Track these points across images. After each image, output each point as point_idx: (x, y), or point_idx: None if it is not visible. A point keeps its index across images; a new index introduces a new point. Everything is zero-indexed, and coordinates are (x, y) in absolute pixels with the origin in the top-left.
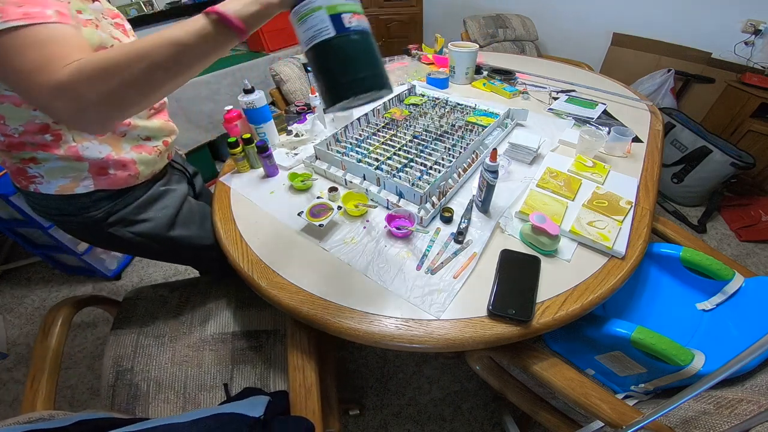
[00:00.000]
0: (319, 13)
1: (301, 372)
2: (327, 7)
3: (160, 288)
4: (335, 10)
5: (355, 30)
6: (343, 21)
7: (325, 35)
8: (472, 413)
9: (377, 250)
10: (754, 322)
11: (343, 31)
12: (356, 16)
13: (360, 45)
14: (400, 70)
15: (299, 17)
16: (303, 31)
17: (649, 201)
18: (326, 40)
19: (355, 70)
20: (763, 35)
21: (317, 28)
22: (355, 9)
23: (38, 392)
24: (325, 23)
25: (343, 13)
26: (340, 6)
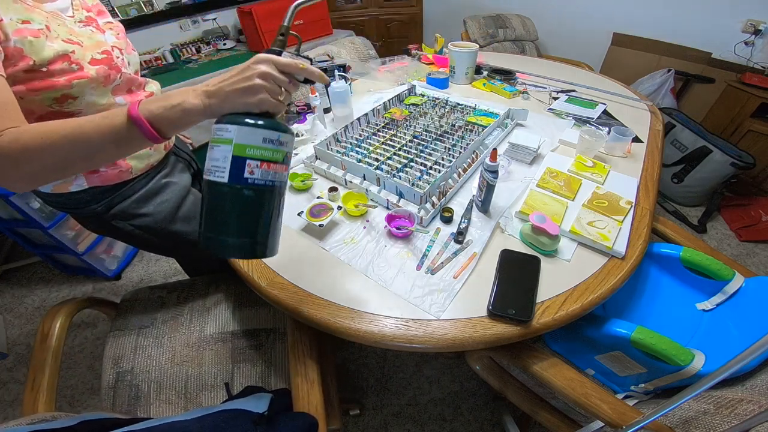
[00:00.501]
0: (225, 147)
1: (302, 368)
2: (235, 145)
3: (158, 289)
4: (243, 151)
5: (253, 185)
6: (244, 169)
7: (218, 177)
8: (472, 413)
9: (377, 250)
10: (754, 322)
11: (237, 182)
12: (265, 165)
13: (246, 205)
14: (400, 70)
15: (212, 140)
16: (208, 158)
17: (649, 201)
18: (215, 183)
19: (227, 232)
20: (763, 35)
21: (216, 163)
22: (267, 157)
23: (39, 393)
24: (225, 163)
25: (249, 159)
26: (251, 149)
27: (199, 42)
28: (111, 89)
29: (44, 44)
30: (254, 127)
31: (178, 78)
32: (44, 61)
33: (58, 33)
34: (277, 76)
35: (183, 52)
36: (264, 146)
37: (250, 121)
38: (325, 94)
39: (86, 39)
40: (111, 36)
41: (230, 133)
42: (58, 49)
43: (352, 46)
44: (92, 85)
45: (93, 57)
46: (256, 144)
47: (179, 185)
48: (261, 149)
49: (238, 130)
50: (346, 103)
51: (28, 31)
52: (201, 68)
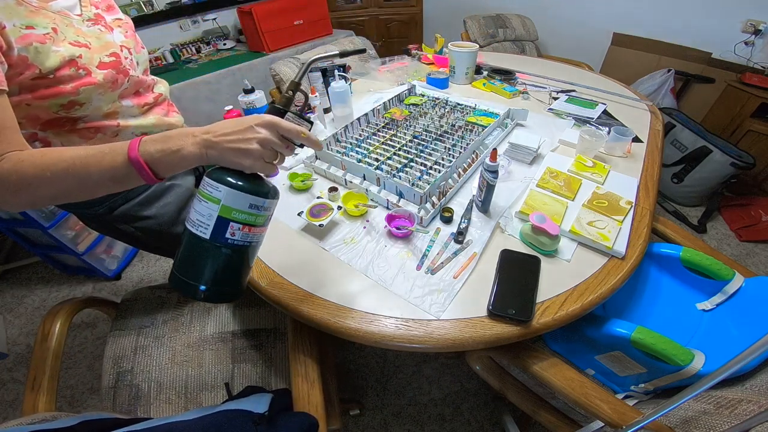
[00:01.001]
0: (211, 206)
1: (303, 368)
2: (222, 206)
3: (158, 289)
4: (228, 214)
5: (232, 245)
6: (226, 230)
7: (200, 232)
8: (472, 413)
9: (377, 250)
10: (754, 322)
11: (218, 241)
12: (246, 228)
13: (221, 261)
14: (400, 70)
15: (200, 192)
16: (193, 208)
17: (649, 201)
18: (196, 236)
19: (199, 279)
20: (763, 35)
21: (200, 218)
22: (250, 221)
23: (39, 393)
24: (209, 221)
25: (233, 221)
26: (236, 212)
27: (199, 42)
28: (118, 94)
29: (50, 50)
30: (243, 192)
31: (178, 78)
32: (51, 69)
33: (65, 35)
34: (276, 143)
35: (183, 52)
36: (249, 211)
37: (240, 185)
38: (325, 94)
39: (94, 40)
40: (119, 34)
41: (220, 193)
42: (65, 54)
43: (352, 46)
44: (99, 90)
45: (101, 60)
46: (242, 209)
47: (183, 187)
48: (246, 214)
49: (227, 192)
50: (346, 103)
51: (33, 37)
52: (201, 68)
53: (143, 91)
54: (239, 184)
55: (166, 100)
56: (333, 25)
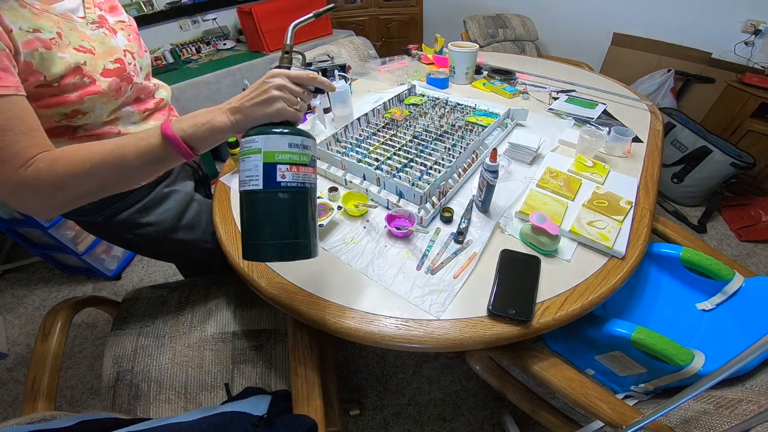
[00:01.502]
0: (255, 157)
1: (302, 370)
2: (264, 153)
3: (160, 288)
4: (272, 158)
5: (286, 187)
6: (276, 174)
7: (253, 185)
8: (472, 413)
9: (377, 250)
10: (754, 322)
11: (271, 187)
12: (294, 168)
13: (283, 207)
14: (400, 70)
15: (241, 154)
16: (240, 170)
17: (649, 201)
18: (252, 191)
19: (270, 235)
20: (763, 35)
21: (249, 173)
22: (295, 160)
23: (39, 393)
24: (257, 171)
25: (279, 164)
26: (279, 154)
27: (199, 42)
28: (121, 101)
29: (55, 56)
30: (279, 135)
31: (178, 78)
32: (56, 76)
33: (69, 39)
34: (291, 87)
35: (183, 52)
36: (291, 150)
37: (275, 130)
38: (325, 94)
39: (98, 44)
40: (123, 38)
41: (258, 143)
42: (70, 60)
43: (352, 46)
44: (103, 99)
45: (105, 67)
46: (283, 149)
47: (182, 193)
48: (288, 153)
49: (264, 139)
50: (346, 103)
51: (39, 42)
52: (201, 68)
53: (144, 97)
54: (273, 129)
55: (167, 106)
56: (333, 25)
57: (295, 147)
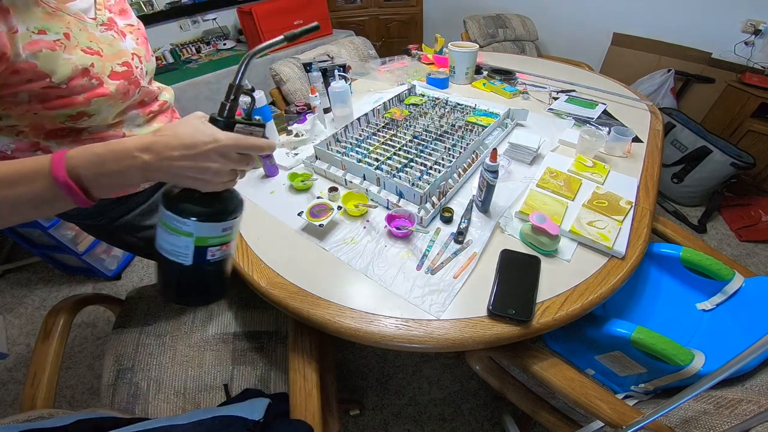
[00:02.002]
0: (185, 239)
1: (301, 374)
2: (197, 238)
3: None
4: (204, 242)
5: (214, 262)
6: (206, 254)
7: (181, 260)
8: (472, 413)
9: (377, 250)
10: (754, 322)
11: (199, 263)
12: (224, 246)
13: (207, 276)
14: (400, 70)
15: (166, 226)
16: (162, 237)
17: (649, 201)
18: (178, 263)
19: (188, 294)
20: (763, 35)
21: (176, 248)
22: (226, 240)
23: (38, 391)
24: (187, 250)
25: (210, 247)
26: (212, 239)
27: (199, 42)
28: (127, 104)
29: (60, 57)
30: (213, 222)
31: (178, 78)
32: (63, 78)
33: (78, 40)
34: (233, 166)
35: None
36: (223, 235)
37: (208, 215)
38: (325, 94)
39: (106, 47)
40: (131, 41)
41: (189, 227)
42: (77, 62)
43: (352, 46)
44: (110, 102)
45: (113, 69)
46: (216, 235)
47: None
48: (220, 237)
49: (197, 226)
50: (346, 103)
51: (43, 42)
52: (201, 68)
53: (149, 100)
54: (206, 214)
55: (170, 108)
56: (333, 25)
57: (229, 229)
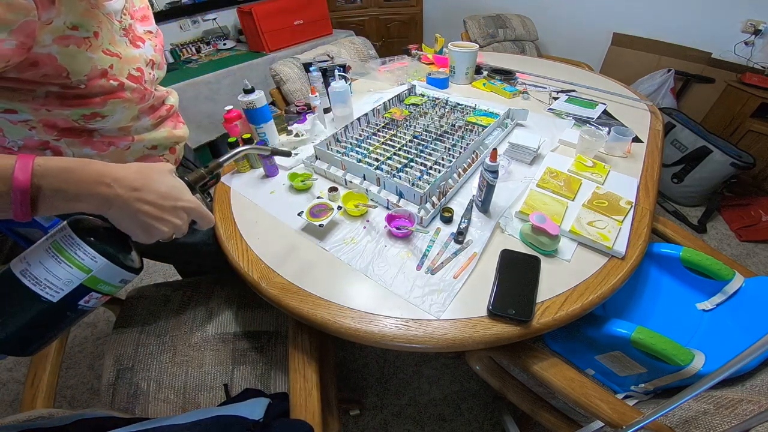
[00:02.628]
0: (75, 272)
1: (301, 374)
2: (91, 278)
3: (163, 287)
4: (94, 285)
5: (80, 310)
6: (82, 298)
7: (46, 294)
8: (472, 413)
9: (377, 250)
10: (754, 322)
11: (65, 306)
12: (104, 297)
13: (59, 321)
14: (400, 70)
15: (60, 252)
16: (41, 262)
17: (649, 201)
18: (37, 296)
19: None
20: (763, 35)
21: (53, 281)
22: (112, 292)
23: (38, 391)
24: (66, 286)
25: (95, 291)
26: (103, 284)
27: (199, 42)
28: (140, 108)
29: (83, 55)
30: (123, 269)
31: (178, 78)
32: (80, 75)
33: (103, 41)
34: (185, 228)
35: (183, 52)
36: (117, 285)
37: (122, 261)
38: (325, 94)
39: (123, 50)
40: (150, 48)
41: (94, 263)
42: (97, 62)
43: (352, 46)
44: (125, 104)
45: (130, 73)
46: (112, 282)
47: None
48: (112, 287)
49: (104, 265)
50: (346, 103)
51: (73, 39)
52: (201, 68)
53: (157, 104)
54: (120, 258)
55: (175, 112)
56: (333, 25)
57: (123, 282)
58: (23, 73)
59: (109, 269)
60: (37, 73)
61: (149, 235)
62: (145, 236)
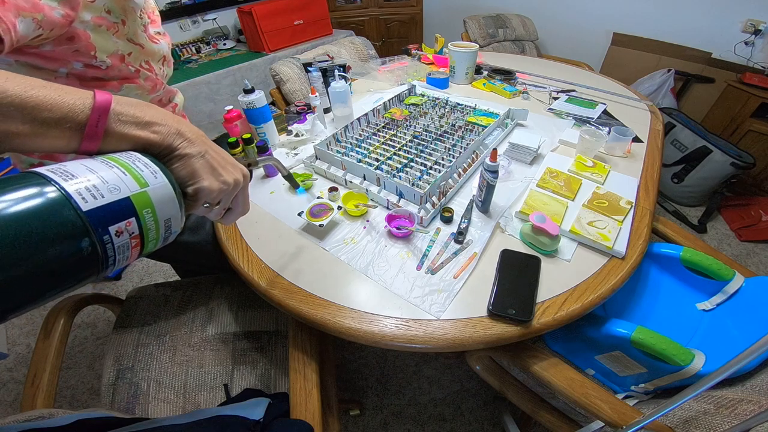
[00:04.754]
0: (129, 181)
1: (301, 374)
2: (141, 194)
3: (163, 287)
4: (141, 206)
5: (102, 243)
6: (118, 222)
7: (80, 199)
8: (472, 413)
9: (377, 250)
10: (754, 322)
11: (93, 227)
12: (135, 241)
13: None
14: (400, 70)
15: (116, 161)
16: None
17: (649, 201)
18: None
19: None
20: (763, 35)
21: (98, 184)
22: (148, 236)
23: (38, 391)
24: (109, 194)
25: (136, 218)
26: (148, 212)
27: (199, 42)
28: (150, 99)
29: (110, 37)
30: (179, 201)
31: (178, 78)
32: (103, 55)
33: (128, 30)
34: (234, 193)
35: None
36: (159, 225)
37: (181, 193)
38: (325, 94)
39: (144, 43)
40: (165, 44)
41: (154, 179)
42: (120, 47)
43: (352, 46)
44: (138, 91)
45: (145, 62)
46: (158, 215)
47: None
48: (154, 224)
49: (163, 186)
50: (346, 103)
51: (105, 21)
52: (201, 68)
53: (166, 100)
54: (180, 191)
55: (180, 111)
56: (333, 25)
57: (166, 229)
58: (58, 47)
59: (165, 194)
60: (70, 47)
61: (215, 176)
62: (212, 178)
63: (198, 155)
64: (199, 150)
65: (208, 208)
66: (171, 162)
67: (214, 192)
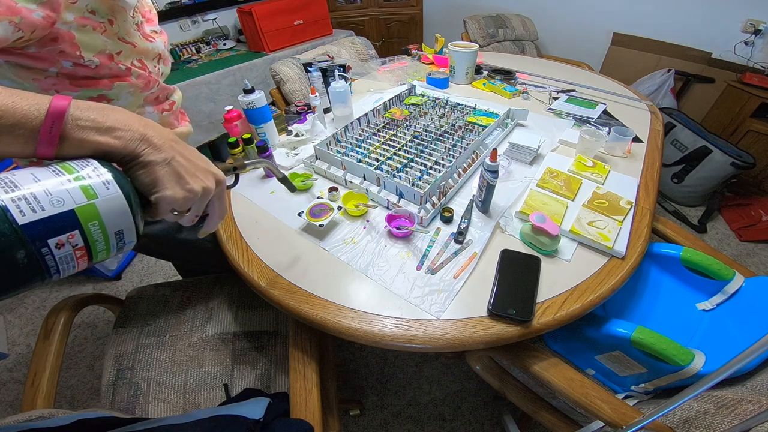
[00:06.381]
0: (75, 193)
1: (301, 373)
2: (88, 206)
3: (163, 287)
4: (86, 219)
5: (39, 255)
6: (59, 235)
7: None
8: (472, 413)
9: (377, 250)
10: (754, 322)
11: (30, 236)
12: (80, 252)
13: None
14: (400, 70)
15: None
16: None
17: (649, 201)
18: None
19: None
20: (763, 35)
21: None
22: (95, 248)
23: (38, 391)
24: (51, 207)
25: (79, 231)
26: (95, 225)
27: (199, 42)
28: (144, 97)
29: (98, 38)
30: (132, 214)
31: (178, 78)
32: (90, 54)
33: (118, 29)
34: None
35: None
36: (110, 239)
37: (137, 203)
38: (325, 94)
39: (138, 41)
40: (160, 43)
41: (105, 190)
42: (110, 46)
43: (352, 46)
44: (130, 89)
45: (137, 60)
46: (106, 228)
47: None
48: (102, 237)
49: (115, 198)
50: (346, 103)
51: (90, 21)
52: (201, 68)
53: (162, 98)
54: (137, 200)
55: (179, 109)
56: (333, 25)
57: (119, 240)
58: (43, 48)
59: (116, 205)
60: (55, 48)
61: (181, 185)
62: (176, 187)
63: (163, 162)
64: (164, 157)
65: (177, 215)
66: (134, 169)
67: (179, 201)
